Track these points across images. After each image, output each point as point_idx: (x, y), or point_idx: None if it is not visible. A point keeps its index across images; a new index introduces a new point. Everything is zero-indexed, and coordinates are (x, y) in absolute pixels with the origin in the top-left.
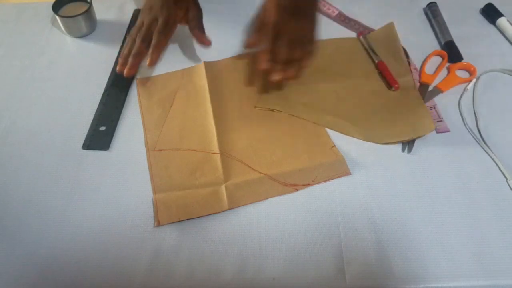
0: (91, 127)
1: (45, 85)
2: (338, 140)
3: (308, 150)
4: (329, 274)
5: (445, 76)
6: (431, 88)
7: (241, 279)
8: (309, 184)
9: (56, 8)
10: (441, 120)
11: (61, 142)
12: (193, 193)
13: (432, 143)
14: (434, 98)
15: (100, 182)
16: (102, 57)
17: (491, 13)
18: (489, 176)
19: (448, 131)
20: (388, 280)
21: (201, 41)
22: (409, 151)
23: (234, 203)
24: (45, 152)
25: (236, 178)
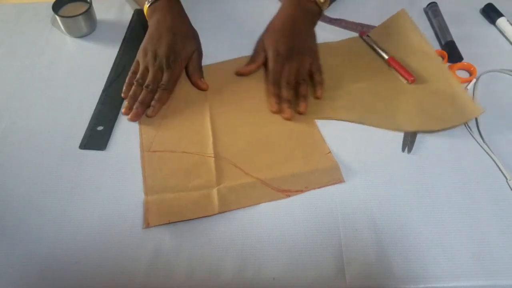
0: (88, 127)
1: (45, 85)
2: (337, 141)
3: (303, 155)
4: (329, 274)
5: None
6: None
7: (241, 279)
8: (301, 190)
9: (56, 8)
10: None
11: (61, 142)
12: (185, 196)
13: (432, 143)
14: None
15: (100, 182)
16: (102, 57)
17: (491, 13)
18: (489, 176)
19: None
20: (388, 280)
21: (199, 87)
22: (409, 151)
23: (225, 206)
24: (45, 152)
25: (229, 181)
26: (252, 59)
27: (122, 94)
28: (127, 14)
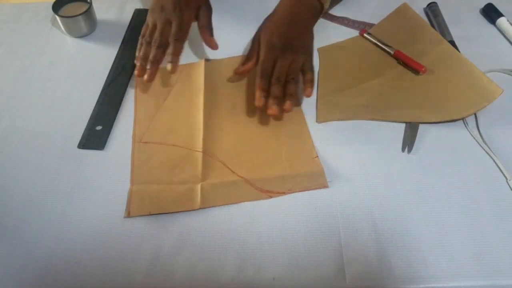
0: (87, 127)
1: (45, 85)
2: (337, 141)
3: (290, 157)
4: (329, 274)
5: None
6: None
7: (241, 279)
8: (284, 192)
9: (56, 8)
10: None
11: (61, 142)
12: (169, 189)
13: (432, 143)
14: None
15: (99, 181)
16: (102, 57)
17: (491, 13)
18: (489, 176)
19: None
20: (388, 280)
21: (209, 44)
22: (409, 151)
23: (207, 203)
24: (45, 152)
25: (214, 178)
26: (249, 56)
27: (134, 61)
28: (127, 14)
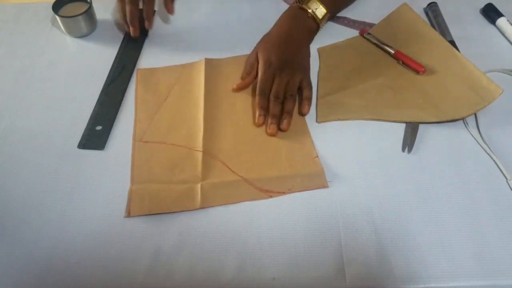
0: (87, 127)
1: (45, 85)
2: (337, 141)
3: (290, 157)
4: (329, 274)
5: None
6: None
7: (241, 279)
8: (284, 192)
9: (56, 8)
10: None
11: (61, 142)
12: (169, 188)
13: (432, 143)
14: None
15: (99, 181)
16: (102, 57)
17: (491, 13)
18: (489, 176)
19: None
20: (388, 280)
21: (166, 7)
22: (409, 151)
23: (207, 202)
24: (45, 152)
25: (214, 178)
26: (247, 71)
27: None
28: None
